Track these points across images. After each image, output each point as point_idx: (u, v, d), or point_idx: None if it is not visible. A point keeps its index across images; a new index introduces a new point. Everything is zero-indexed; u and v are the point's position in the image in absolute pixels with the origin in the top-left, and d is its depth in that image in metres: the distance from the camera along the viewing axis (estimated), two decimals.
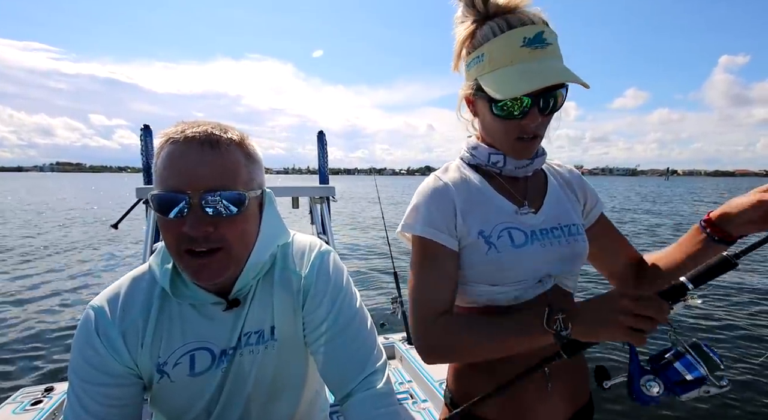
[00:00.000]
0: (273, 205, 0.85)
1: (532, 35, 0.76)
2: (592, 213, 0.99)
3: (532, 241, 0.86)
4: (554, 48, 0.77)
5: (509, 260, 0.84)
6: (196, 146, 0.70)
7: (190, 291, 0.79)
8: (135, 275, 0.83)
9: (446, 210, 0.87)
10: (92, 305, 0.79)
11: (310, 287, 0.86)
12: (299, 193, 2.59)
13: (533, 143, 0.84)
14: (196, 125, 0.72)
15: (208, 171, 0.69)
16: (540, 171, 0.97)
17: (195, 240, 0.69)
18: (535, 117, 0.79)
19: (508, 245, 0.84)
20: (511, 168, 0.89)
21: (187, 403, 0.82)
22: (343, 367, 0.84)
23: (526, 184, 0.93)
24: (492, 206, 0.88)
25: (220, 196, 0.69)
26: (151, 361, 0.78)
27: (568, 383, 0.89)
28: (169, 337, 0.78)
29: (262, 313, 0.84)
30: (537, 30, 0.76)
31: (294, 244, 0.92)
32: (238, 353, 0.82)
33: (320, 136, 2.92)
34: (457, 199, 0.88)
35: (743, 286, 6.53)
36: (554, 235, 0.88)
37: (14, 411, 1.75)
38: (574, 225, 0.91)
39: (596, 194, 1.01)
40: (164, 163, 0.70)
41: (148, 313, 0.78)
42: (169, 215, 0.69)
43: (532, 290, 0.86)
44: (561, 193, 0.95)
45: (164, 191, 0.69)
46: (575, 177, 1.01)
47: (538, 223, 0.88)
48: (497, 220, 0.87)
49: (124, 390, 0.77)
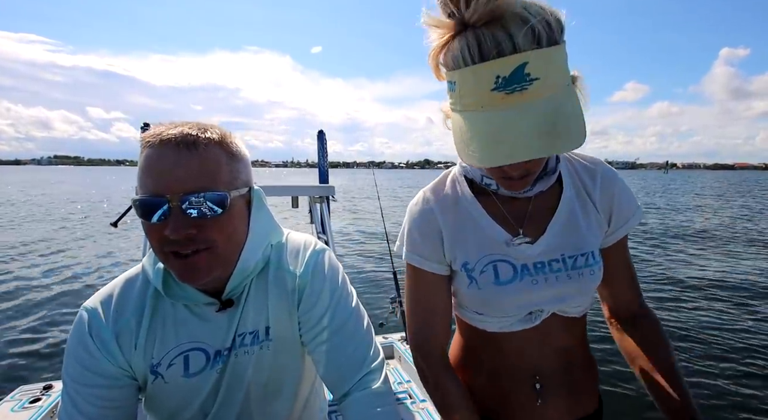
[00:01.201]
0: (263, 203, 0.84)
1: (509, 73, 0.55)
2: (617, 233, 0.82)
3: (521, 276, 0.78)
4: (540, 84, 0.56)
5: (489, 297, 0.79)
6: (172, 148, 0.68)
7: (183, 291, 0.79)
8: (128, 276, 0.83)
9: (432, 237, 0.82)
10: (85, 307, 0.79)
11: (306, 286, 0.85)
12: (299, 193, 2.59)
13: (524, 182, 0.71)
14: (172, 126, 0.71)
15: (185, 172, 0.68)
16: (555, 182, 0.81)
17: (176, 243, 0.69)
18: (520, 165, 0.67)
19: (490, 282, 0.78)
20: (507, 192, 0.78)
21: (182, 404, 0.82)
22: (341, 366, 0.84)
23: (529, 204, 0.81)
24: (481, 235, 0.80)
25: (203, 198, 0.68)
26: (144, 362, 0.78)
27: (565, 396, 0.85)
28: (162, 337, 0.78)
29: (256, 314, 0.83)
30: (516, 64, 0.55)
31: (288, 243, 0.91)
32: (233, 354, 0.81)
33: (320, 135, 2.92)
34: (443, 226, 0.82)
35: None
36: (552, 270, 0.77)
37: (12, 409, 1.75)
38: (583, 255, 0.78)
39: (631, 207, 0.82)
40: (142, 168, 0.69)
41: (141, 314, 0.78)
42: (152, 220, 0.68)
43: (520, 323, 0.81)
44: (576, 211, 0.80)
45: (144, 196, 0.68)
46: (606, 185, 0.81)
47: (534, 254, 0.78)
48: (484, 252, 0.79)
49: (117, 391, 0.77)
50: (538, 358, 0.83)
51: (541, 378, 0.83)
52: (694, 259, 8.28)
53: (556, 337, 0.83)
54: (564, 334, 0.83)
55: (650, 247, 9.49)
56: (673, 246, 9.60)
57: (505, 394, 0.86)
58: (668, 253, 8.87)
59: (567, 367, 0.85)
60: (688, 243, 10.03)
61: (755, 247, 9.50)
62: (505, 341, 0.84)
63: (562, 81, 0.59)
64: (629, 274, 0.87)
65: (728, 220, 14.48)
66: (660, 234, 11.25)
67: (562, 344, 0.84)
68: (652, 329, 0.83)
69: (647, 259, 8.21)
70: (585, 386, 0.88)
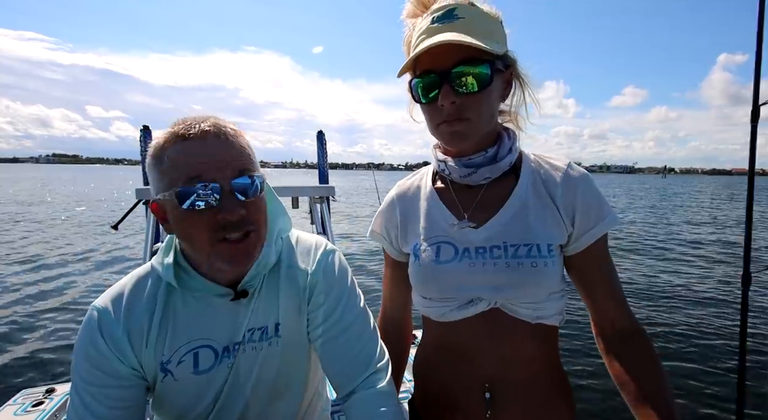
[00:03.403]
0: (272, 191, 0.88)
1: (442, 13, 0.74)
2: (584, 238, 0.79)
3: (461, 258, 0.80)
4: (467, 22, 0.73)
5: (428, 274, 0.83)
6: (212, 137, 0.72)
7: (196, 282, 0.79)
8: (138, 275, 0.83)
9: (392, 221, 0.95)
10: (95, 306, 0.78)
11: (317, 284, 0.87)
12: (299, 193, 2.59)
13: (460, 125, 0.76)
14: (201, 119, 0.74)
15: (230, 157, 0.72)
16: (512, 176, 0.83)
17: (231, 225, 0.71)
18: (448, 94, 0.73)
19: (430, 260, 0.83)
20: (456, 176, 0.84)
21: (192, 401, 0.82)
22: (347, 365, 0.86)
23: (481, 193, 0.84)
24: (430, 218, 0.87)
25: (247, 180, 0.73)
26: (155, 359, 0.78)
27: (521, 414, 0.81)
28: (173, 335, 0.79)
29: (267, 310, 0.84)
30: (448, 8, 0.74)
31: (299, 242, 0.93)
32: (241, 350, 0.82)
33: (320, 136, 2.92)
34: (401, 211, 0.93)
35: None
36: (492, 256, 0.78)
37: (15, 413, 1.75)
38: (527, 245, 0.77)
39: (600, 213, 0.79)
40: (182, 158, 0.70)
41: (152, 311, 0.78)
42: (200, 206, 0.69)
43: (458, 311, 0.81)
44: (529, 205, 0.80)
45: (191, 184, 0.69)
46: (570, 184, 0.80)
47: (477, 239, 0.81)
48: (432, 233, 0.85)
49: (128, 391, 0.77)
50: (489, 362, 0.82)
51: (492, 386, 0.81)
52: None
53: (511, 344, 0.81)
54: (520, 340, 0.81)
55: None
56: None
57: (454, 400, 0.86)
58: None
59: (526, 382, 0.82)
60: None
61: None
62: (454, 335, 0.84)
63: (489, 34, 0.74)
64: (610, 287, 0.81)
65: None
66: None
67: (518, 352, 0.81)
68: (640, 351, 0.77)
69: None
70: (551, 410, 0.83)
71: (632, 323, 0.80)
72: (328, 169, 2.93)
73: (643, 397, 0.71)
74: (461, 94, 0.73)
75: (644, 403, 0.71)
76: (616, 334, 0.80)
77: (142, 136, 2.37)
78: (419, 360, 0.97)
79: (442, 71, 0.73)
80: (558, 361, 0.87)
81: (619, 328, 0.80)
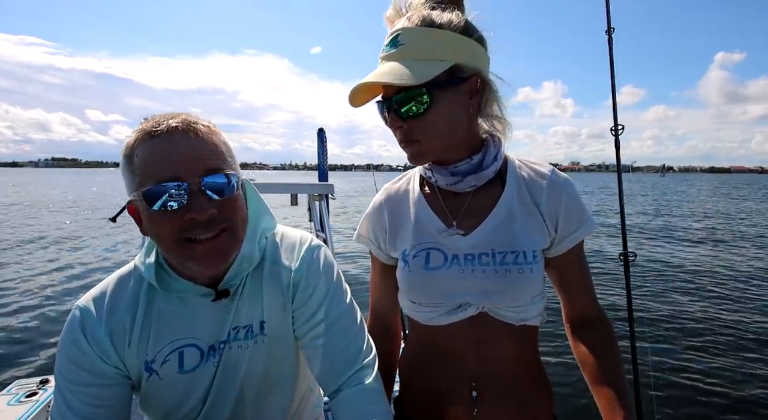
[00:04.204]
0: (254, 191, 0.87)
1: (390, 39, 0.76)
2: (565, 242, 0.83)
3: (450, 265, 0.82)
4: (407, 48, 0.74)
5: (417, 281, 0.84)
6: (180, 134, 0.69)
7: (177, 283, 0.78)
8: (120, 274, 0.83)
9: (380, 225, 0.94)
10: (78, 305, 0.78)
11: (300, 281, 0.86)
12: (298, 191, 2.59)
13: (412, 147, 0.79)
14: (169, 116, 0.72)
15: (199, 156, 0.70)
16: (497, 183, 0.85)
17: (200, 225, 0.69)
18: (395, 121, 0.77)
19: (420, 266, 0.83)
20: (443, 184, 0.84)
21: (178, 400, 0.81)
22: (333, 362, 0.84)
23: (468, 200, 0.85)
24: (419, 224, 0.87)
25: (218, 179, 0.70)
26: (138, 359, 0.77)
27: (505, 411, 0.84)
28: (156, 334, 0.78)
29: (251, 308, 0.83)
30: (395, 33, 0.75)
31: (284, 238, 0.92)
32: (227, 348, 0.81)
33: (320, 134, 2.92)
34: (388, 216, 0.92)
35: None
36: (480, 262, 0.80)
37: (9, 403, 1.75)
38: (513, 252, 0.80)
39: (581, 218, 0.83)
40: (150, 157, 0.68)
41: (135, 310, 0.78)
42: (168, 206, 0.67)
43: (447, 316, 0.83)
44: (515, 212, 0.83)
45: (158, 183, 0.67)
46: (555, 191, 0.83)
47: (465, 246, 0.82)
48: (421, 240, 0.86)
49: (111, 390, 0.76)
50: (476, 362, 0.83)
51: (479, 385, 0.83)
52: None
53: (496, 343, 0.83)
54: (505, 341, 0.83)
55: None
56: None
57: (441, 399, 0.87)
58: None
59: (509, 379, 0.84)
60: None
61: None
62: (441, 338, 0.85)
63: (430, 53, 0.74)
64: (583, 282, 0.88)
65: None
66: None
67: (504, 351, 0.83)
68: (602, 336, 0.85)
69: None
70: (532, 404, 0.87)
71: (598, 312, 0.88)
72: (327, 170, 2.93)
73: (600, 377, 0.80)
74: (408, 118, 0.76)
75: (601, 381, 0.80)
76: (583, 321, 0.88)
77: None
78: (405, 361, 0.99)
79: (386, 99, 0.78)
80: (538, 357, 0.91)
81: (586, 316, 0.88)
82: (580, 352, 0.86)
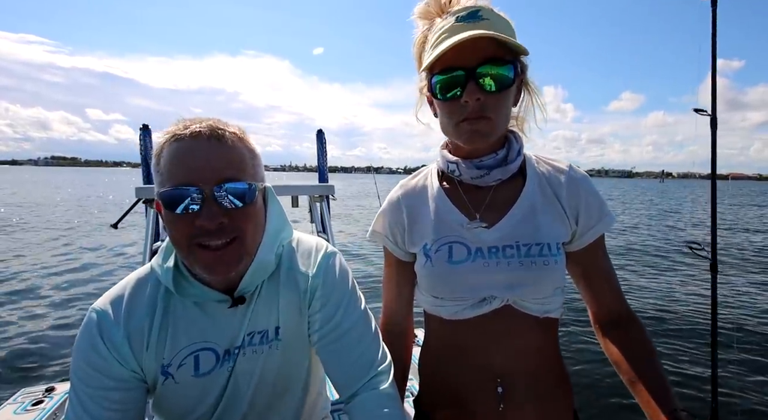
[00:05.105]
0: (276, 200, 0.87)
1: (466, 13, 0.74)
2: (586, 236, 0.84)
3: (474, 258, 0.81)
4: (490, 23, 0.73)
5: (441, 275, 0.83)
6: (203, 140, 0.70)
7: (194, 288, 0.79)
8: (138, 276, 0.82)
9: (397, 221, 0.92)
10: (95, 308, 0.77)
11: (318, 287, 0.87)
12: (298, 192, 2.59)
13: (482, 124, 0.76)
14: (198, 121, 0.73)
15: (217, 163, 0.70)
16: (519, 177, 0.86)
17: (209, 233, 0.70)
18: (474, 91, 0.73)
19: (443, 260, 0.83)
20: (468, 177, 0.84)
21: (192, 404, 0.82)
22: (349, 367, 0.85)
23: (491, 194, 0.85)
24: (440, 218, 0.86)
25: (233, 188, 0.70)
26: (156, 363, 0.77)
27: (531, 406, 0.84)
28: (173, 338, 0.78)
29: (267, 314, 0.84)
30: (472, 9, 0.74)
31: (300, 244, 0.92)
32: (241, 353, 0.81)
33: (319, 135, 2.92)
34: (407, 212, 0.91)
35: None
36: (505, 255, 0.80)
37: (15, 411, 1.75)
38: (538, 244, 0.80)
39: (601, 211, 0.84)
40: (171, 160, 0.70)
41: (153, 314, 0.78)
42: (181, 210, 0.69)
43: (471, 310, 0.82)
44: (537, 205, 0.83)
45: (175, 187, 0.68)
46: (574, 185, 0.84)
47: (489, 239, 0.82)
48: (442, 234, 0.85)
49: (127, 394, 0.76)
50: (501, 357, 0.83)
51: (504, 381, 0.83)
52: None
53: (520, 336, 0.83)
54: (529, 333, 0.83)
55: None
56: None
57: (466, 396, 0.86)
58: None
59: (534, 373, 0.84)
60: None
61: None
62: (465, 333, 0.84)
63: (511, 35, 0.74)
64: (608, 279, 0.87)
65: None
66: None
67: (528, 345, 0.83)
68: (635, 335, 0.83)
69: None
70: (555, 398, 0.86)
71: (627, 310, 0.86)
72: (327, 172, 2.93)
73: (638, 376, 0.76)
74: (485, 92, 0.74)
75: (639, 381, 0.76)
76: (612, 320, 0.86)
77: (142, 135, 2.37)
78: (425, 359, 0.97)
79: (468, 68, 0.73)
80: (558, 351, 0.90)
81: (615, 315, 0.86)
82: (614, 352, 0.83)
